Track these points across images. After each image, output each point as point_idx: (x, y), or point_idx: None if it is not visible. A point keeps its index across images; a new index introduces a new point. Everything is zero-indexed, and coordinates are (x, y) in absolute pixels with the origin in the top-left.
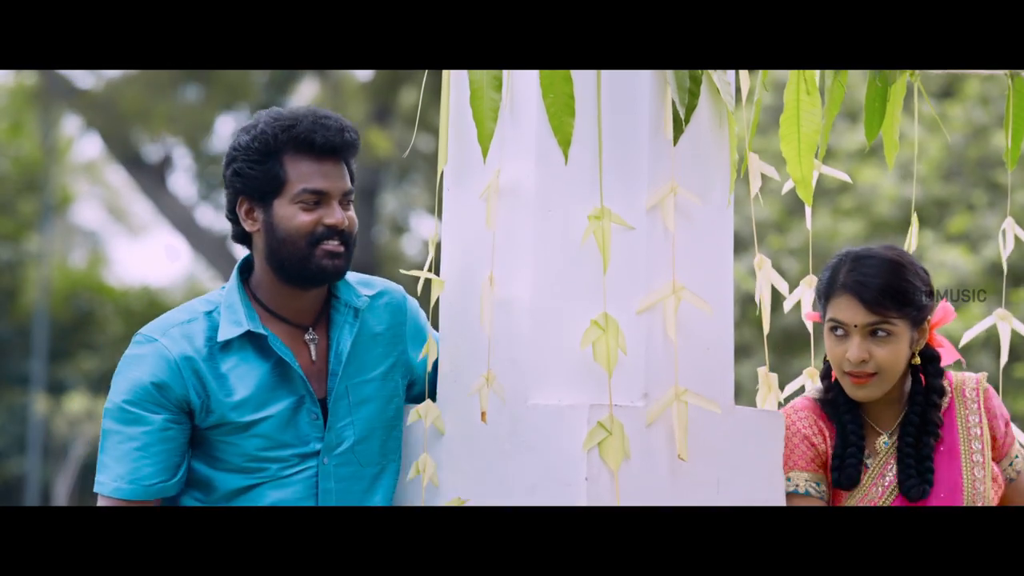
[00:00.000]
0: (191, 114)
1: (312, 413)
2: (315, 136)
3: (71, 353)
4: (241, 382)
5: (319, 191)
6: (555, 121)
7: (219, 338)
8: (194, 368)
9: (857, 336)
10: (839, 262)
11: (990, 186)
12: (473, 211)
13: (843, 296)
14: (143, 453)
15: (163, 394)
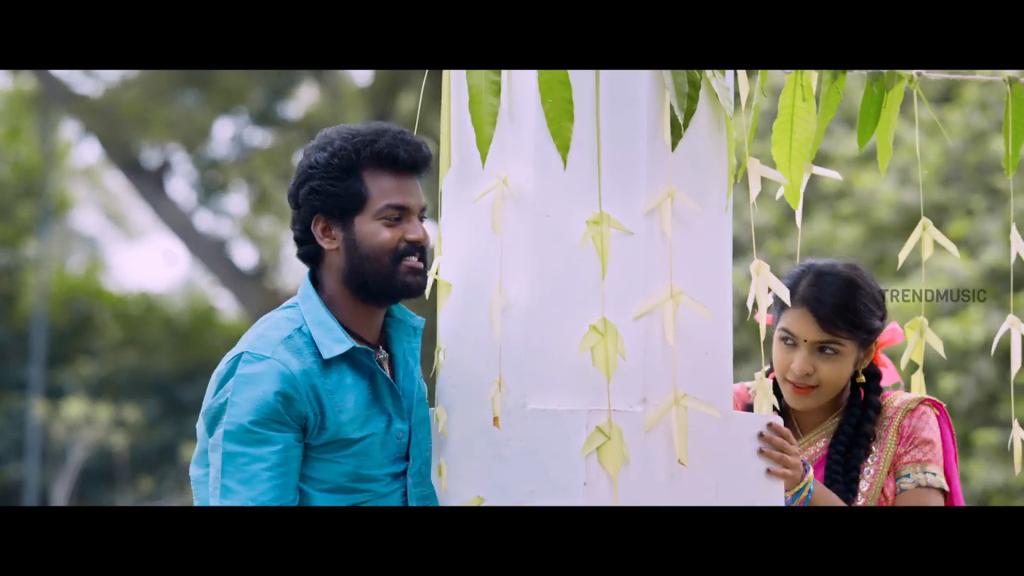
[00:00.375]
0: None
1: (399, 432)
2: (398, 151)
3: (69, 358)
4: (347, 399)
5: (401, 207)
6: (554, 126)
7: (325, 355)
8: (312, 383)
9: (805, 350)
10: (801, 273)
11: (989, 191)
12: (472, 216)
13: (799, 309)
14: (272, 474)
15: (288, 410)
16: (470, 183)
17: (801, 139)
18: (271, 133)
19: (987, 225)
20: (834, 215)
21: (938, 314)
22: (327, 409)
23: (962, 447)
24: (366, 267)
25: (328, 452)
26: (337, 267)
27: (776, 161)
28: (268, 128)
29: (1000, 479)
